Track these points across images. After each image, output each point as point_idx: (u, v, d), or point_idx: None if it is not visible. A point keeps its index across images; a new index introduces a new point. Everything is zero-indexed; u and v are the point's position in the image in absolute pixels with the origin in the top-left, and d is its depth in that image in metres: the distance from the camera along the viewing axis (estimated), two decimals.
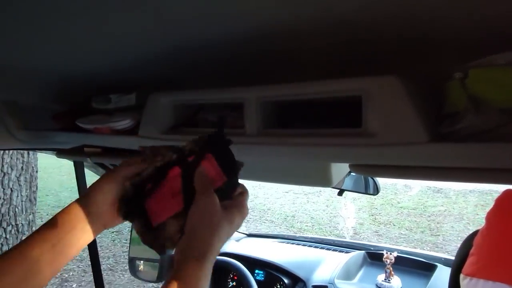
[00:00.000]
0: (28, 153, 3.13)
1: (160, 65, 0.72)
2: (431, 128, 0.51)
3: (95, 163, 1.55)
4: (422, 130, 0.50)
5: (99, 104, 0.92)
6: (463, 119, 0.50)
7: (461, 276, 0.67)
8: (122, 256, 4.33)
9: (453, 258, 1.32)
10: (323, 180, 0.83)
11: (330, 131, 0.59)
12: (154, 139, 0.78)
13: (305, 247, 1.85)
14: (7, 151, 2.88)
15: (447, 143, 0.49)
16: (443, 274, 1.44)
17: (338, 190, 1.38)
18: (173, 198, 0.57)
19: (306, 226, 5.18)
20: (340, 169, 0.84)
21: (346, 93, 0.57)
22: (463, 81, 0.50)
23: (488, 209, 0.71)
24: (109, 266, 4.20)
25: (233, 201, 0.57)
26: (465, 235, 0.86)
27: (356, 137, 0.55)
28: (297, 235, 2.11)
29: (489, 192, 5.49)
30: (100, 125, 0.89)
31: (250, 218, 5.50)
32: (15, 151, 3.01)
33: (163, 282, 0.50)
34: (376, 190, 1.27)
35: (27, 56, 0.68)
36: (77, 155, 1.06)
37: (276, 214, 5.64)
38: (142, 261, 1.86)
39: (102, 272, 1.85)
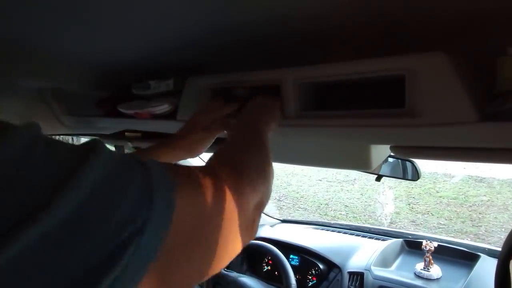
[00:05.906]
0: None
1: (197, 49, 0.73)
2: (480, 107, 0.48)
3: (134, 148, 1.60)
4: (471, 109, 0.47)
5: (139, 90, 0.95)
6: None
7: None
8: None
9: (498, 248, 1.26)
10: (362, 163, 0.81)
11: (370, 112, 0.57)
12: None
13: (340, 233, 1.84)
14: None
15: (498, 122, 0.46)
16: (487, 264, 1.38)
17: (374, 178, 1.34)
18: None
19: (340, 214, 5.12)
20: (380, 152, 0.82)
21: (388, 73, 0.55)
22: None
23: None
24: None
25: None
26: (509, 226, 0.82)
27: (398, 118, 0.54)
28: (332, 222, 2.08)
29: None
30: (140, 110, 0.92)
31: (283, 206, 5.51)
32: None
33: None
34: (417, 175, 1.22)
35: (73, 45, 0.71)
36: (118, 139, 1.10)
37: (309, 201, 5.61)
38: None
39: None
